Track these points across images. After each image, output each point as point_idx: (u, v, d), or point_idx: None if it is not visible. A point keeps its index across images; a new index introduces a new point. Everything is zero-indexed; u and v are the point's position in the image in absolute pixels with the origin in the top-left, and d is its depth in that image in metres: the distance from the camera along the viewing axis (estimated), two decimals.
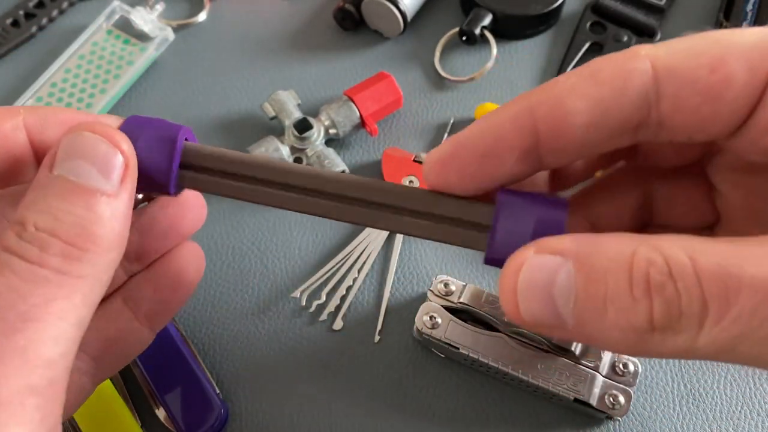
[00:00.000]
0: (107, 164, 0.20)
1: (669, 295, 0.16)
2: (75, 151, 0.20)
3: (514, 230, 0.19)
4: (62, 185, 0.19)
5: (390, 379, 0.35)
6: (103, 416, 0.32)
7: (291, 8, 0.48)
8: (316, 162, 0.39)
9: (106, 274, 0.20)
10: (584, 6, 0.46)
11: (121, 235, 0.20)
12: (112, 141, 0.20)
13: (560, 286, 0.17)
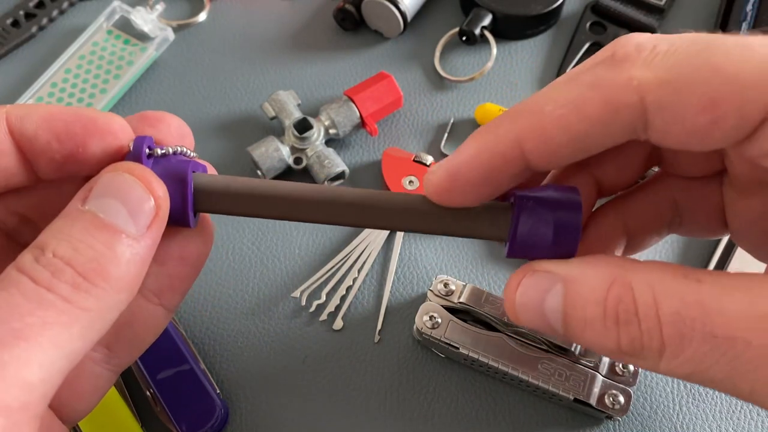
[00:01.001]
0: (138, 208, 0.20)
1: (633, 332, 0.19)
2: (110, 189, 0.20)
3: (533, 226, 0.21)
4: (89, 220, 0.20)
5: (390, 379, 0.35)
6: (103, 416, 0.32)
7: (291, 8, 0.48)
8: (316, 162, 0.39)
9: (111, 313, 0.20)
10: (584, 6, 0.46)
11: (136, 279, 0.20)
12: (149, 186, 0.21)
13: (549, 305, 0.21)
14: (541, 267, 0.21)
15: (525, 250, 0.22)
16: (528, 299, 0.21)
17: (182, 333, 0.35)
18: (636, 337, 0.19)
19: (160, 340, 0.34)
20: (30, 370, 0.17)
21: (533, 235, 0.21)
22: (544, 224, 0.21)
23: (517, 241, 0.21)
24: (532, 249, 0.22)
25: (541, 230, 0.21)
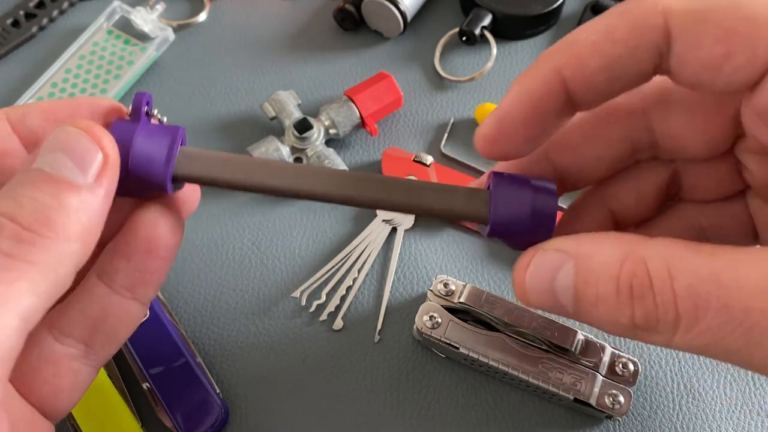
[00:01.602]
0: (85, 158, 0.20)
1: (648, 305, 0.19)
2: (56, 144, 0.20)
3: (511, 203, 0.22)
4: (36, 176, 0.19)
5: (390, 379, 0.35)
6: (103, 416, 0.32)
7: (291, 8, 0.48)
8: (316, 162, 0.39)
9: (63, 265, 0.19)
10: (584, 6, 0.46)
11: (88, 228, 0.20)
12: (93, 136, 0.20)
13: (560, 282, 0.20)
14: (551, 245, 0.21)
15: (503, 227, 0.22)
16: (538, 278, 0.21)
17: (182, 333, 0.35)
18: (651, 310, 0.19)
19: (161, 340, 0.34)
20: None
21: (510, 210, 0.22)
22: (519, 200, 0.22)
23: (494, 215, 0.22)
24: (510, 226, 0.22)
25: (517, 206, 0.22)
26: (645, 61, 0.20)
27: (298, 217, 0.40)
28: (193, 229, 0.39)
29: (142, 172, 0.22)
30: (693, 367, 0.35)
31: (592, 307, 0.20)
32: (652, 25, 0.19)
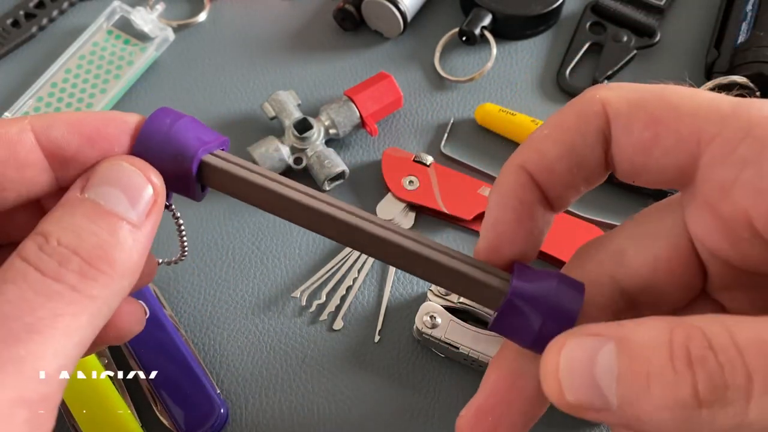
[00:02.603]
0: (138, 195, 0.20)
1: (711, 367, 0.16)
2: (109, 178, 0.20)
3: (533, 286, 0.20)
4: (91, 207, 0.20)
5: (390, 379, 0.35)
6: (103, 416, 0.32)
7: (291, 8, 0.48)
8: (316, 162, 0.39)
9: (115, 300, 0.20)
10: (584, 6, 0.46)
11: (137, 265, 0.20)
12: (146, 175, 0.21)
13: (602, 365, 0.17)
14: (583, 331, 0.18)
15: (506, 334, 0.21)
16: (575, 363, 0.18)
17: (182, 333, 0.35)
18: (716, 373, 0.16)
19: (161, 340, 0.34)
20: (46, 362, 0.18)
21: (516, 327, 0.20)
22: (529, 322, 0.20)
23: (497, 326, 0.21)
24: (513, 335, 0.21)
25: (525, 326, 0.20)
26: (595, 145, 0.21)
27: None
28: (193, 229, 0.39)
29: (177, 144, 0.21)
30: None
31: (643, 389, 0.17)
32: (594, 112, 0.21)
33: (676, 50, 0.45)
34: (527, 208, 0.22)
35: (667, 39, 0.45)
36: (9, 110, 0.42)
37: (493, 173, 0.40)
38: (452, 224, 0.39)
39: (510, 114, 0.41)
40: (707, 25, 0.45)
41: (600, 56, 0.44)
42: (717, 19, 0.45)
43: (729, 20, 0.44)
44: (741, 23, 0.43)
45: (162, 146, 0.21)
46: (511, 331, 0.21)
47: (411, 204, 0.39)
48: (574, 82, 0.44)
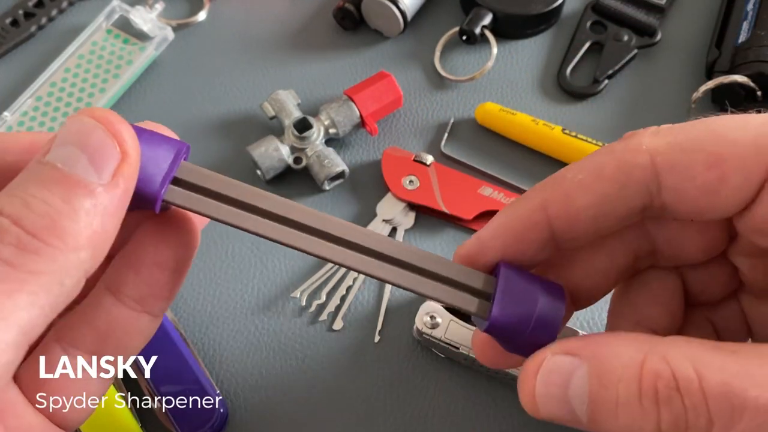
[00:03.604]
0: (101, 154, 0.18)
1: (676, 409, 0.17)
2: (70, 136, 0.18)
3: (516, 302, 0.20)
4: (46, 172, 0.18)
5: (390, 379, 0.35)
6: (103, 416, 0.32)
7: (291, 8, 0.47)
8: (316, 161, 0.39)
9: (70, 275, 0.18)
10: (584, 5, 0.46)
11: (99, 234, 0.18)
12: (111, 129, 0.18)
13: (575, 388, 0.19)
14: (562, 348, 0.19)
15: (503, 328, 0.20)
16: (551, 387, 0.19)
17: (182, 333, 0.35)
18: (680, 415, 0.17)
19: (160, 340, 0.34)
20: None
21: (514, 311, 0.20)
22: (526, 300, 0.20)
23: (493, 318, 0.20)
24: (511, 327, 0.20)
25: (522, 307, 0.20)
26: (634, 199, 0.20)
27: None
28: None
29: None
30: None
31: (611, 415, 0.18)
32: (640, 165, 0.20)
33: (677, 49, 0.45)
34: (525, 245, 0.21)
35: (667, 38, 0.45)
36: (8, 110, 0.42)
37: (494, 173, 0.40)
38: (452, 224, 0.39)
39: (510, 113, 0.41)
40: (708, 25, 0.45)
41: (601, 55, 0.44)
42: (718, 18, 0.45)
43: (730, 19, 0.44)
44: (742, 22, 0.43)
45: None
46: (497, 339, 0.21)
47: (411, 204, 0.39)
48: (574, 81, 0.43)
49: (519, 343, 0.21)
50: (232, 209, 0.21)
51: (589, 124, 0.42)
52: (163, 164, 0.20)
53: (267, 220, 0.21)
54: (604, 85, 0.43)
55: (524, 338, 0.20)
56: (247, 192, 0.21)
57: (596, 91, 0.43)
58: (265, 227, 0.21)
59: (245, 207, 0.21)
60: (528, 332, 0.20)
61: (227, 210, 0.21)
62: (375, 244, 0.21)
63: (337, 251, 0.21)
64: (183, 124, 0.43)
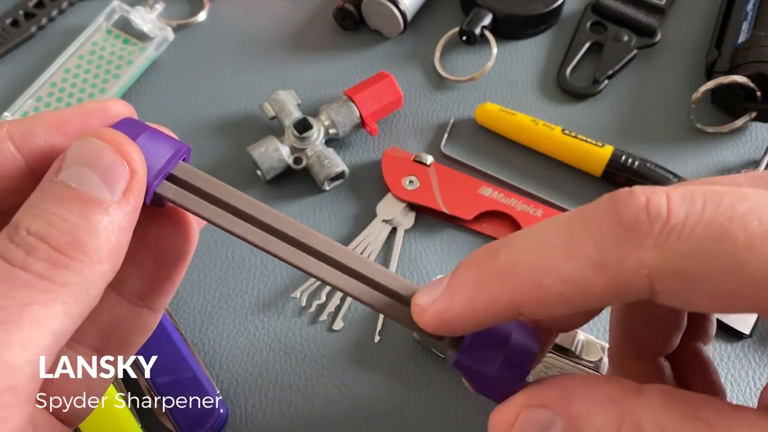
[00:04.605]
0: (112, 173, 0.20)
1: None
2: (80, 157, 0.20)
3: (486, 343, 0.20)
4: (61, 191, 0.19)
5: (390, 379, 0.35)
6: (103, 416, 0.32)
7: (291, 8, 0.47)
8: (316, 162, 0.39)
9: (95, 287, 0.19)
10: (584, 6, 0.46)
11: (116, 248, 0.19)
12: (120, 150, 0.20)
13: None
14: (535, 399, 0.20)
15: (468, 369, 0.20)
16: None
17: (182, 333, 0.35)
18: None
19: (160, 340, 0.34)
20: (11, 352, 0.17)
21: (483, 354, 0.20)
22: (494, 348, 0.20)
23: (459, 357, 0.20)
24: (477, 371, 0.20)
25: (488, 354, 0.20)
26: (617, 307, 0.20)
27: (297, 216, 0.40)
28: None
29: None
30: None
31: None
32: (635, 289, 0.17)
33: (677, 50, 0.45)
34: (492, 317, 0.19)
35: (667, 39, 0.45)
36: (8, 110, 0.42)
37: (494, 173, 0.40)
38: (452, 224, 0.39)
39: (510, 114, 0.41)
40: (708, 25, 0.45)
41: (600, 56, 0.44)
42: (717, 18, 0.45)
43: (729, 20, 0.44)
44: (741, 23, 0.43)
45: None
46: (464, 376, 0.20)
47: (411, 204, 0.39)
48: (574, 81, 0.43)
49: (487, 384, 0.20)
50: (219, 211, 0.22)
51: (588, 124, 0.42)
52: (161, 160, 0.21)
53: (251, 226, 0.21)
54: (604, 85, 0.43)
55: (492, 381, 0.20)
56: (236, 197, 0.22)
57: (596, 92, 0.43)
58: (247, 231, 0.21)
59: (233, 211, 0.22)
60: (496, 374, 0.20)
61: (215, 211, 0.22)
62: (356, 264, 0.21)
63: (318, 266, 0.21)
64: (183, 124, 0.43)
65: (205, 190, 0.22)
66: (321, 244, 0.21)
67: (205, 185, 0.22)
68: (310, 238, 0.21)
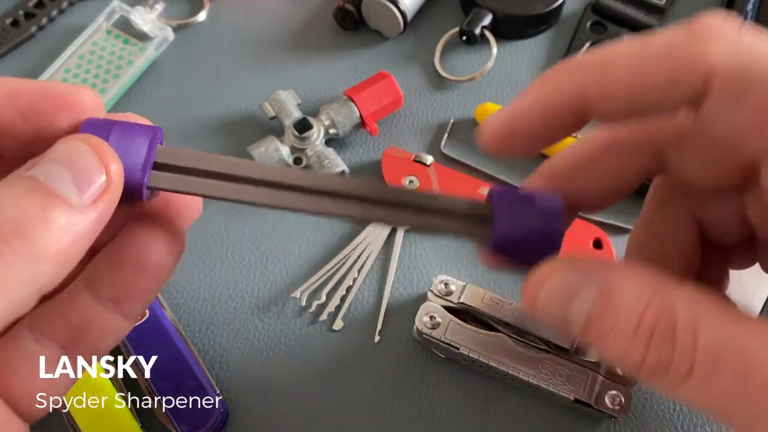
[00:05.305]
0: (86, 177, 0.18)
1: (665, 352, 0.18)
2: (59, 156, 0.19)
3: (515, 218, 0.21)
4: (27, 183, 0.18)
5: (390, 379, 0.35)
6: (103, 416, 0.32)
7: (291, 8, 0.47)
8: (316, 162, 0.39)
9: (25, 287, 0.17)
10: (584, 6, 0.46)
11: (65, 252, 0.18)
12: (102, 157, 0.19)
13: (578, 304, 0.19)
14: (577, 264, 0.20)
15: (507, 245, 0.21)
16: (555, 294, 0.20)
17: (182, 333, 0.35)
18: (665, 357, 0.18)
19: (160, 340, 0.34)
20: None
21: (514, 224, 0.21)
22: (524, 213, 0.21)
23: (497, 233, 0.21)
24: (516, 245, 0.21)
25: (522, 220, 0.21)
26: (677, 100, 0.19)
27: (298, 216, 0.40)
28: (192, 228, 0.39)
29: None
30: None
31: (603, 335, 0.19)
32: (692, 77, 0.18)
33: None
34: (557, 123, 0.21)
35: None
36: None
37: (494, 173, 0.40)
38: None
39: None
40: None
41: None
42: None
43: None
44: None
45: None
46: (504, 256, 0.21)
47: None
48: None
49: (526, 255, 0.21)
50: (215, 182, 0.21)
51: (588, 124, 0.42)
52: (141, 152, 0.20)
53: (250, 186, 0.21)
54: None
55: (530, 249, 0.21)
56: (225, 162, 0.21)
57: None
58: (258, 196, 0.21)
59: (227, 178, 0.21)
60: (533, 242, 0.21)
61: (212, 184, 0.21)
62: (375, 192, 0.21)
63: (334, 205, 0.21)
64: (183, 124, 0.43)
65: (192, 167, 0.21)
66: (333, 184, 0.21)
67: (190, 162, 0.21)
68: (324, 181, 0.21)
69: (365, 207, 0.21)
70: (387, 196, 0.21)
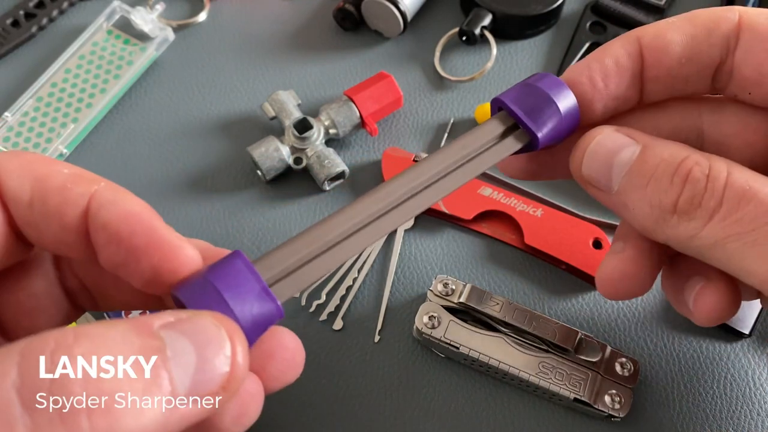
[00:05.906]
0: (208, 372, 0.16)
1: (698, 188, 0.21)
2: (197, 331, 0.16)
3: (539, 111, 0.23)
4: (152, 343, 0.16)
5: (390, 379, 0.35)
6: None
7: (291, 8, 0.48)
8: (316, 162, 0.39)
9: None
10: (584, 6, 0.46)
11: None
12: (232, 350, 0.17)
13: (621, 157, 0.22)
14: (622, 129, 0.23)
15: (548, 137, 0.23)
16: (602, 148, 0.23)
17: None
18: (697, 194, 0.21)
19: None
20: None
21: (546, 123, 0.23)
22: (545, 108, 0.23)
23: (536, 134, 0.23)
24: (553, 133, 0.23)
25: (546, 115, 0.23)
26: (716, 45, 0.23)
27: (298, 216, 0.40)
28: (193, 228, 0.39)
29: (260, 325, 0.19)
30: (693, 367, 0.35)
31: (641, 185, 0.22)
32: (729, 19, 0.23)
33: None
34: (621, 71, 0.24)
35: None
36: (9, 110, 0.42)
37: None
38: (452, 224, 0.39)
39: None
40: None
41: None
42: None
43: None
44: None
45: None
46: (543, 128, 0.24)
47: None
48: None
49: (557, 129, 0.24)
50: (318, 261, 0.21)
51: None
52: (254, 286, 0.19)
53: (347, 239, 0.21)
54: None
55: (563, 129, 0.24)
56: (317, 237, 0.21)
57: None
58: (351, 248, 0.21)
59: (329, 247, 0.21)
60: (563, 122, 0.23)
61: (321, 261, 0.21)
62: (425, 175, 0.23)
63: (404, 209, 0.22)
64: (183, 124, 0.43)
65: (292, 263, 0.20)
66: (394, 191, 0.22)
67: (288, 259, 0.20)
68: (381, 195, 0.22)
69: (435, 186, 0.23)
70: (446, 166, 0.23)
